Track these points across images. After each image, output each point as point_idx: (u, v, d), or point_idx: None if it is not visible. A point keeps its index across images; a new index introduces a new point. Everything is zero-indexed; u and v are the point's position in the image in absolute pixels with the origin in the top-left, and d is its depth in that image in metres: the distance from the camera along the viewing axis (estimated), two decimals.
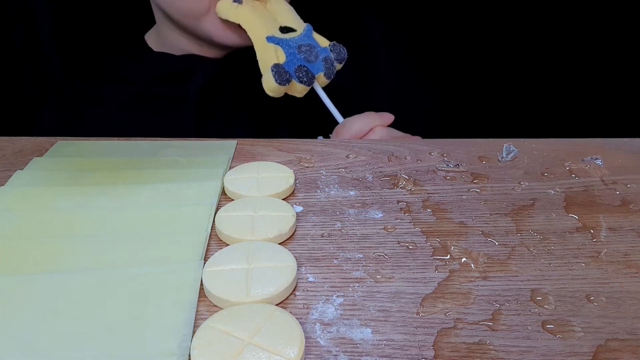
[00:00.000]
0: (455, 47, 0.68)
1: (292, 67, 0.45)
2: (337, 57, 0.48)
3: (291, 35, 0.47)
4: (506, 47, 0.67)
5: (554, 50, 0.67)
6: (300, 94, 0.47)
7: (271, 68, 0.45)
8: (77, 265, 0.28)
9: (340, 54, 0.48)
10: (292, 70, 0.45)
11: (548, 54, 0.67)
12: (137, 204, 0.33)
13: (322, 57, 0.47)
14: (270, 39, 0.46)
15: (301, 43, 0.47)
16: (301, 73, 0.45)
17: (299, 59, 0.46)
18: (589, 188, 0.36)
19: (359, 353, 0.23)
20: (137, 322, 0.24)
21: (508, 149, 0.40)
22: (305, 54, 0.46)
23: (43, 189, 0.34)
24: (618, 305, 0.26)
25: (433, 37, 0.67)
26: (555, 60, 0.67)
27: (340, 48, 0.49)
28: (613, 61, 0.65)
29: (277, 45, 0.46)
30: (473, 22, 0.68)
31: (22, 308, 0.25)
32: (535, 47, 0.67)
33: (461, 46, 0.68)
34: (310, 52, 0.46)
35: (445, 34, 0.68)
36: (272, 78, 0.45)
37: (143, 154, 0.40)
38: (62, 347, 0.23)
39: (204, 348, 0.22)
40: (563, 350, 0.23)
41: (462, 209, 0.34)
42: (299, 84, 0.45)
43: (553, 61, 0.67)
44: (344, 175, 0.37)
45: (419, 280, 0.27)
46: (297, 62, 0.46)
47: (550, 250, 0.30)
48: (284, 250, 0.28)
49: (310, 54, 0.46)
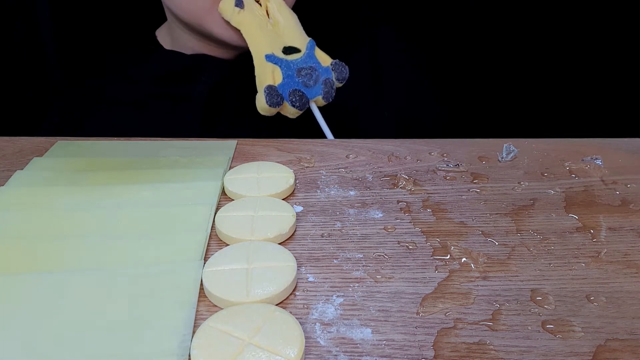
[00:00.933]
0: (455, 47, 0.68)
1: (286, 90, 0.45)
2: (338, 76, 0.47)
3: (293, 57, 0.46)
4: (506, 47, 0.67)
5: (554, 50, 0.67)
6: (292, 115, 0.47)
7: (264, 89, 0.44)
8: (77, 265, 0.28)
9: (342, 73, 0.48)
10: (286, 94, 0.45)
11: (548, 54, 0.67)
12: (137, 204, 0.33)
13: (322, 80, 0.46)
14: (269, 58, 0.45)
15: (302, 66, 0.46)
16: (295, 97, 0.45)
17: (296, 82, 0.45)
18: (589, 188, 0.36)
19: (359, 353, 0.23)
20: (137, 322, 0.24)
21: (508, 149, 0.40)
22: (304, 78, 0.45)
23: (43, 189, 0.34)
24: (618, 305, 0.26)
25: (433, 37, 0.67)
26: (555, 61, 0.67)
27: (342, 67, 0.48)
28: (613, 61, 0.65)
29: (275, 65, 0.45)
30: (473, 21, 0.68)
31: (22, 308, 0.25)
32: (535, 47, 0.67)
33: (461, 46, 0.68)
34: (310, 77, 0.45)
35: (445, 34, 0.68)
36: (264, 99, 0.44)
37: (143, 154, 0.40)
38: (62, 347, 0.23)
39: (204, 348, 0.22)
40: (563, 350, 0.23)
41: (462, 209, 0.34)
42: (291, 107, 0.45)
43: (553, 61, 0.67)
44: (344, 175, 0.37)
45: (419, 280, 0.27)
46: (293, 86, 0.45)
47: (550, 250, 0.30)
48: (284, 250, 0.28)
49: (309, 79, 0.45)
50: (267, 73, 0.45)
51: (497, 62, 0.68)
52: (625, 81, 0.65)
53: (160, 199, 0.34)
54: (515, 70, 0.68)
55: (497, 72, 0.68)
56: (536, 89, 0.68)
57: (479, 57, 0.68)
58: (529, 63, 0.68)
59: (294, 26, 0.49)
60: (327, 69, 0.47)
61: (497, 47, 0.68)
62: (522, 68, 0.68)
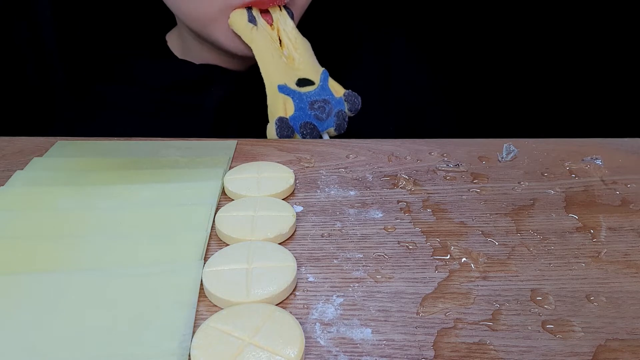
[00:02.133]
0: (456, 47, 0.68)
1: (298, 122, 0.45)
2: (350, 107, 0.47)
3: (307, 89, 0.46)
4: (506, 47, 0.67)
5: (554, 50, 0.67)
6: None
7: (275, 121, 0.44)
8: (77, 265, 0.28)
9: (355, 104, 0.47)
10: (297, 126, 0.44)
11: (548, 54, 0.67)
12: (137, 204, 0.33)
13: (335, 112, 0.46)
14: (282, 89, 0.45)
15: (315, 99, 0.46)
16: (306, 130, 0.44)
17: (308, 115, 0.45)
18: (589, 188, 0.36)
19: (359, 353, 0.23)
20: (137, 322, 0.24)
21: (508, 149, 0.40)
22: (316, 112, 0.45)
23: (43, 189, 0.34)
24: (618, 305, 0.26)
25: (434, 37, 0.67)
26: (555, 61, 0.67)
27: (355, 98, 0.47)
28: (613, 61, 0.65)
29: (287, 96, 0.45)
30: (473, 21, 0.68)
31: (22, 308, 0.25)
32: (536, 47, 0.67)
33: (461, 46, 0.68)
34: (323, 110, 0.45)
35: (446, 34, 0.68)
36: (274, 131, 0.44)
37: (143, 154, 0.40)
38: (62, 347, 0.23)
39: (204, 348, 0.22)
40: (563, 350, 0.23)
41: (462, 209, 0.34)
42: (301, 139, 0.45)
43: (553, 61, 0.67)
44: (344, 175, 0.37)
45: (419, 280, 0.27)
46: (305, 119, 0.45)
47: (550, 250, 0.30)
48: (284, 250, 0.28)
49: (322, 112, 0.45)
50: (279, 104, 0.45)
51: (497, 62, 0.68)
52: (625, 81, 0.65)
53: (160, 199, 0.34)
54: (516, 71, 0.68)
55: (497, 72, 0.68)
56: (536, 89, 0.68)
57: (479, 58, 0.68)
58: (529, 63, 0.68)
59: (309, 59, 0.48)
60: (340, 100, 0.47)
61: (497, 47, 0.68)
62: (522, 68, 0.68)
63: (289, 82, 0.46)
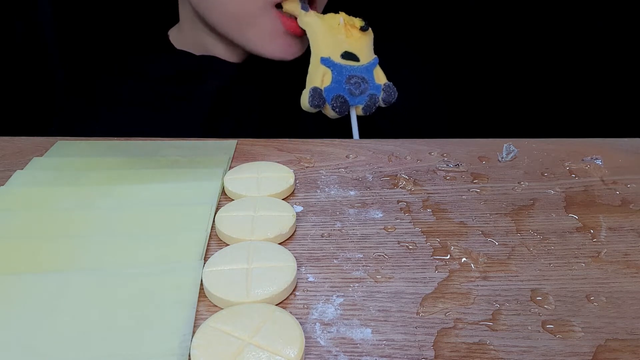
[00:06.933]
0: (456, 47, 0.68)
1: (331, 94, 0.46)
2: (385, 98, 0.48)
3: (351, 64, 0.47)
4: (506, 47, 0.67)
5: (554, 50, 0.67)
6: (331, 117, 0.48)
7: (309, 90, 0.45)
8: (77, 265, 0.28)
9: (390, 96, 0.48)
10: (329, 98, 0.46)
11: (548, 54, 0.67)
12: (137, 204, 0.33)
13: (369, 93, 0.47)
14: (324, 61, 0.46)
15: (354, 74, 0.46)
16: (337, 102, 0.46)
17: (343, 88, 0.46)
18: (589, 188, 0.36)
19: (359, 353, 0.23)
20: (137, 322, 0.24)
21: (508, 149, 0.40)
22: (351, 86, 0.46)
23: (43, 189, 0.34)
24: (618, 305, 0.26)
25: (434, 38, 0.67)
26: (555, 61, 0.67)
27: (392, 91, 0.48)
28: (613, 61, 0.65)
29: (328, 68, 0.46)
30: (473, 21, 0.68)
31: (22, 308, 0.25)
32: (536, 48, 0.67)
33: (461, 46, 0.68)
34: (358, 86, 0.46)
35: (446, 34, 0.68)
36: (307, 98, 0.45)
37: (143, 154, 0.40)
38: (62, 347, 0.23)
39: (204, 348, 0.22)
40: (563, 350, 0.23)
41: (462, 209, 0.34)
42: (331, 110, 0.46)
43: (553, 61, 0.67)
44: (344, 175, 0.37)
45: (419, 280, 0.27)
46: (338, 91, 0.46)
47: (550, 250, 0.30)
48: (284, 250, 0.28)
49: (357, 87, 0.46)
50: (318, 75, 0.46)
51: (497, 63, 0.68)
52: (625, 81, 0.65)
53: (160, 199, 0.34)
54: (516, 71, 0.68)
55: (498, 72, 0.68)
56: (536, 89, 0.68)
57: (480, 58, 0.68)
58: (529, 63, 0.68)
59: (366, 41, 0.49)
60: (379, 86, 0.48)
61: (498, 48, 0.68)
62: (523, 68, 0.68)
63: (333, 56, 0.47)
